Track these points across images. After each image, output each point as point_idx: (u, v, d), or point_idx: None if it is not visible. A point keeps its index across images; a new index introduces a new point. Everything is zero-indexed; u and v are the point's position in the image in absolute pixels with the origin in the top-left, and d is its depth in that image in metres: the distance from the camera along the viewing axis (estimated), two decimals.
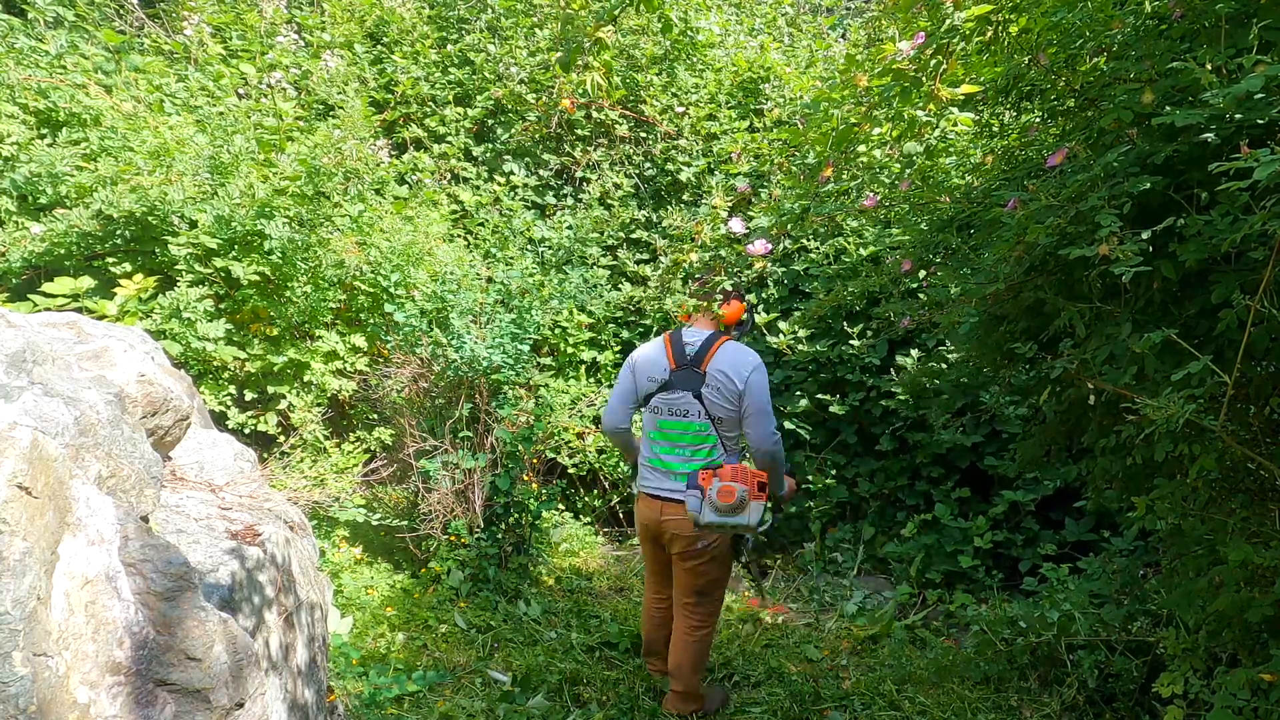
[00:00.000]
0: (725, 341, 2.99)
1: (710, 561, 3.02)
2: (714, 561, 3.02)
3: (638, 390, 3.09)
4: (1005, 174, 2.45)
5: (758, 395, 2.91)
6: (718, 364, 2.93)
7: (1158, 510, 2.22)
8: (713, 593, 3.10)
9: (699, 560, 3.01)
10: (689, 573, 3.05)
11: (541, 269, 5.28)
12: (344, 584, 3.90)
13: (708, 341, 2.99)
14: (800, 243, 5.22)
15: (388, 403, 4.49)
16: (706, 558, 3.00)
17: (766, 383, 2.94)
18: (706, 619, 3.11)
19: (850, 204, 2.76)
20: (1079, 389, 2.37)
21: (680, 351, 3.01)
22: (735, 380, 2.90)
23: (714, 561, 3.02)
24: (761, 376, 2.93)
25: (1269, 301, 1.63)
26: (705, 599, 3.09)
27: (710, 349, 2.97)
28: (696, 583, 3.06)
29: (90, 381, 1.77)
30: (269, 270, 4.05)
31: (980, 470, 4.72)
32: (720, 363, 2.93)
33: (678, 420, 3.00)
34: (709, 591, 3.08)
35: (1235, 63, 1.72)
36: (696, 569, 3.03)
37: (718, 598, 3.13)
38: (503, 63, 5.99)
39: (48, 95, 4.08)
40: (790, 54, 6.43)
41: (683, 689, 3.14)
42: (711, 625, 3.14)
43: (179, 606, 1.59)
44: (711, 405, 2.94)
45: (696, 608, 3.10)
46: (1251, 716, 1.98)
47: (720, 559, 3.04)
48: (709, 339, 3.00)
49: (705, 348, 2.98)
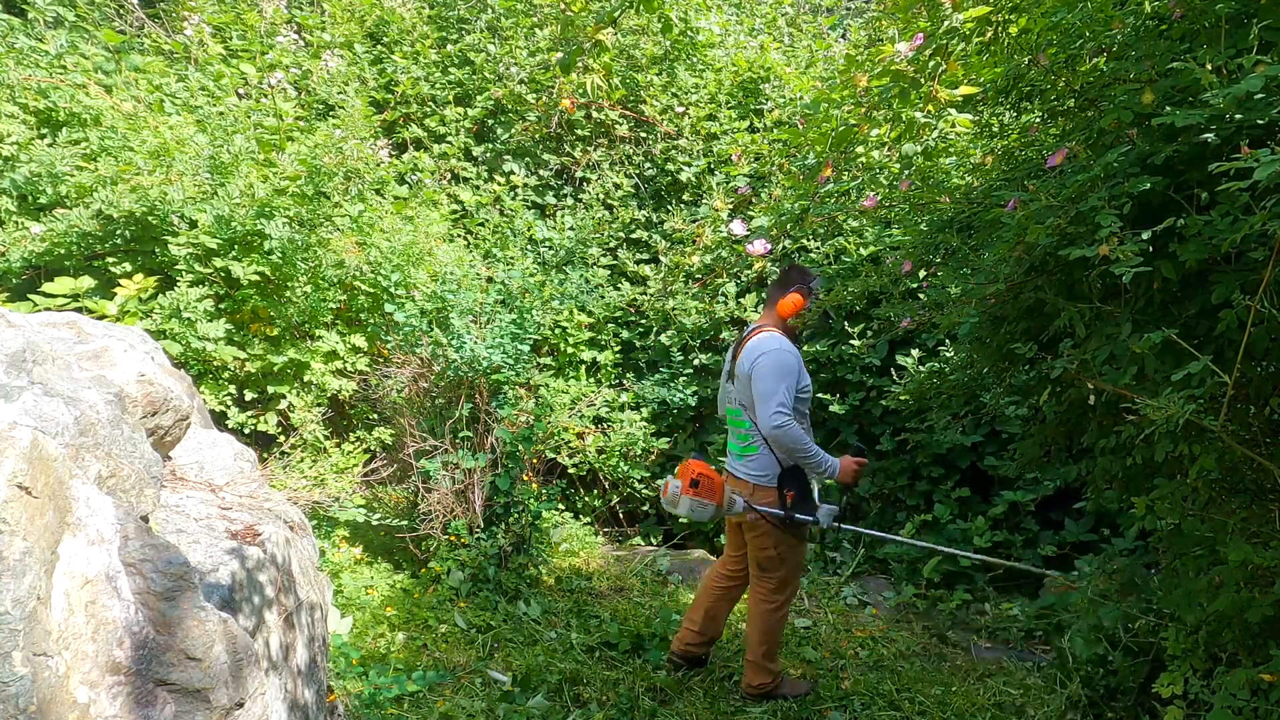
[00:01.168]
0: (758, 333, 3.15)
1: (761, 535, 3.18)
2: (765, 536, 3.17)
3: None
4: (1005, 174, 2.44)
5: (759, 380, 3.03)
6: (744, 353, 3.15)
7: (1158, 510, 2.22)
8: (773, 570, 3.22)
9: (751, 532, 3.22)
10: (749, 544, 3.26)
11: (542, 269, 5.28)
12: (344, 584, 3.90)
13: (747, 333, 3.20)
14: (800, 243, 5.22)
15: (388, 403, 4.49)
16: (756, 531, 3.19)
17: (776, 370, 3.01)
18: (767, 595, 3.24)
19: (850, 204, 2.76)
20: (1079, 389, 2.37)
21: (737, 343, 3.25)
22: (747, 366, 3.08)
23: (765, 536, 3.17)
24: (769, 361, 3.02)
25: (1269, 301, 1.63)
26: (765, 574, 3.25)
27: (744, 340, 3.18)
28: (755, 556, 3.25)
29: (90, 381, 1.77)
30: (269, 270, 4.05)
31: (980, 470, 4.72)
32: (745, 352, 3.14)
33: (728, 406, 3.29)
34: (767, 568, 3.23)
35: (1235, 63, 1.72)
36: (753, 541, 3.23)
37: (779, 577, 3.23)
38: (503, 63, 5.99)
39: (48, 95, 4.08)
40: (790, 54, 6.43)
41: (751, 658, 3.31)
42: (774, 603, 3.25)
43: (179, 606, 1.59)
44: (739, 392, 3.17)
45: (759, 581, 3.28)
46: (1251, 717, 1.98)
47: (770, 535, 3.16)
48: (750, 330, 3.20)
49: (742, 339, 3.20)
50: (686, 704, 3.29)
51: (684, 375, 5.33)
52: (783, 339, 3.11)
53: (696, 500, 3.10)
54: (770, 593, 3.24)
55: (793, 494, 3.11)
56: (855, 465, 3.14)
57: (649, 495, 5.31)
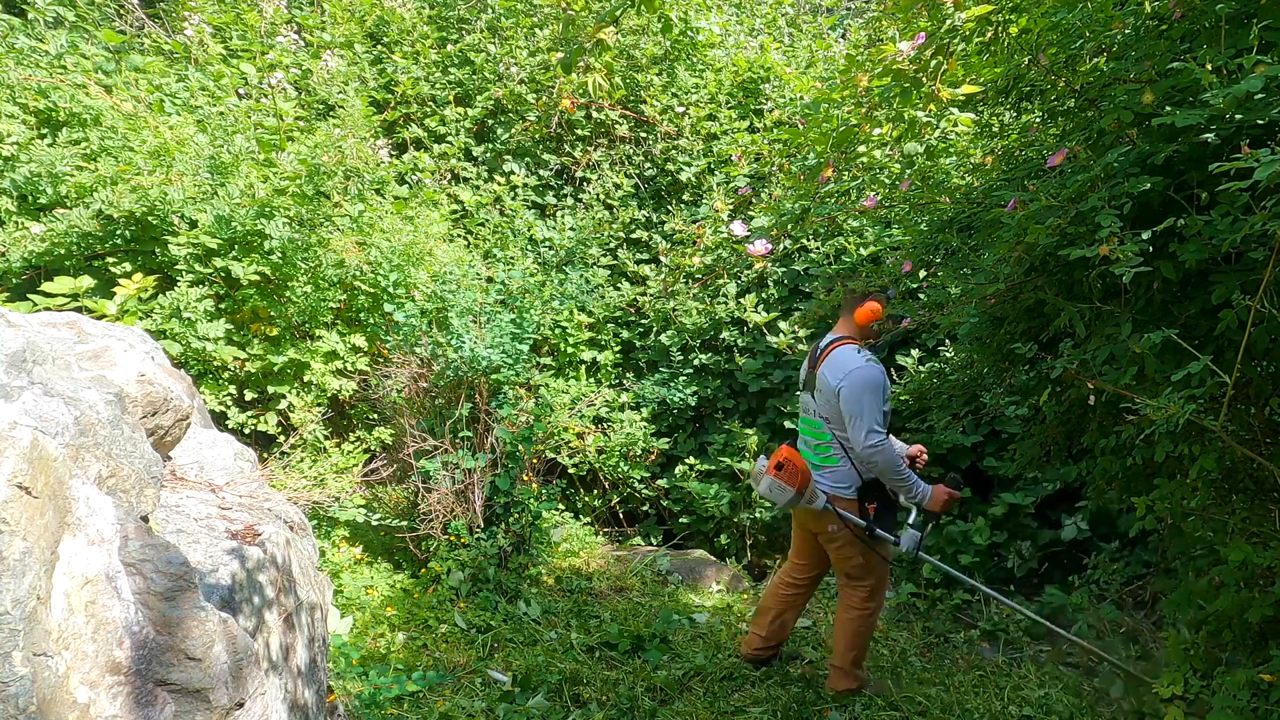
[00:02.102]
0: (840, 345, 3.11)
1: (845, 546, 3.18)
2: (850, 546, 3.18)
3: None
4: (1005, 174, 2.44)
5: (850, 401, 2.99)
6: (825, 366, 3.11)
7: (1157, 510, 2.22)
8: (861, 579, 3.24)
9: (833, 544, 3.21)
10: (833, 555, 3.27)
11: (542, 269, 5.28)
12: (344, 584, 3.89)
13: (828, 344, 3.16)
14: (800, 243, 5.22)
15: (388, 403, 4.49)
16: (838, 542, 3.19)
17: (868, 387, 2.98)
18: (859, 603, 3.26)
19: (850, 204, 2.76)
20: (1079, 389, 2.37)
21: (814, 354, 3.24)
22: (833, 381, 3.04)
23: (850, 546, 3.18)
24: (858, 381, 2.98)
25: (1269, 301, 1.63)
26: (854, 583, 3.26)
27: (825, 352, 3.14)
28: (842, 566, 3.27)
29: (90, 381, 1.77)
30: (269, 270, 4.05)
31: (980, 470, 4.72)
32: (826, 365, 3.10)
33: (805, 416, 3.29)
34: (856, 577, 3.25)
35: (1235, 63, 1.72)
36: (836, 553, 3.24)
37: (869, 586, 3.25)
38: (503, 63, 5.99)
39: (48, 95, 4.08)
40: (790, 54, 6.43)
41: (837, 664, 3.34)
42: (864, 610, 3.27)
43: (179, 606, 1.59)
44: (820, 405, 3.15)
45: (848, 591, 3.29)
46: (1251, 717, 1.98)
47: (853, 545, 3.17)
48: (830, 342, 3.16)
49: (823, 350, 3.16)
50: (686, 704, 3.29)
51: (684, 375, 5.33)
52: (867, 352, 3.08)
53: (776, 482, 3.06)
54: (863, 601, 3.26)
55: (874, 506, 3.12)
56: (947, 495, 3.05)
57: (649, 495, 5.31)
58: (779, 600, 3.49)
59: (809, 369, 3.23)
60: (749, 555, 5.09)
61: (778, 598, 3.49)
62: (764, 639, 3.49)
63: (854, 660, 3.30)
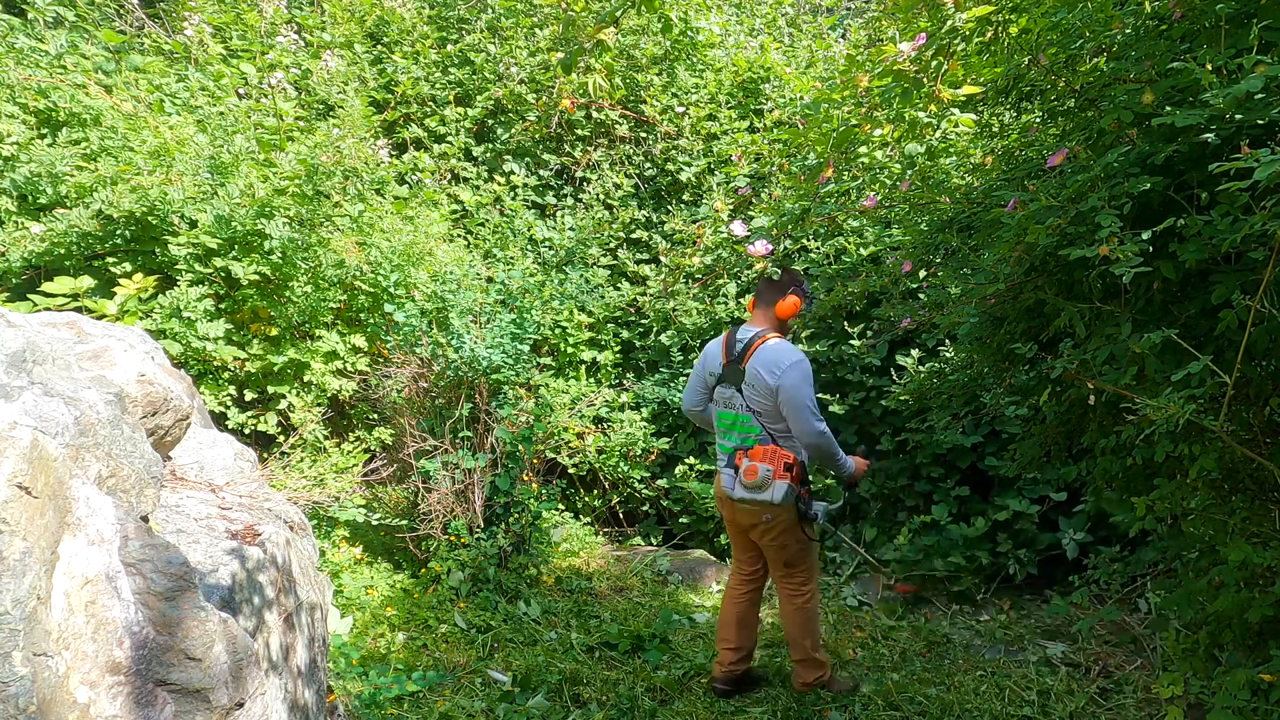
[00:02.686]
0: (767, 340, 3.13)
1: (782, 533, 3.18)
2: (786, 533, 3.18)
3: (705, 379, 3.29)
4: (1005, 174, 2.44)
5: (793, 393, 3.02)
6: (756, 361, 3.09)
7: (1157, 510, 2.22)
8: (800, 563, 3.28)
9: (770, 534, 3.19)
10: (770, 548, 3.26)
11: (542, 269, 5.28)
12: (344, 584, 3.90)
13: (752, 338, 3.15)
14: (801, 243, 5.22)
15: (388, 403, 4.49)
16: (776, 530, 3.17)
17: (805, 379, 3.04)
18: (800, 587, 3.30)
19: (850, 204, 2.76)
20: (1079, 389, 2.36)
21: (731, 347, 3.20)
22: (769, 378, 3.05)
23: (786, 533, 3.18)
24: (797, 374, 3.03)
25: (1269, 301, 1.63)
26: (794, 569, 3.29)
27: (751, 346, 3.13)
28: (780, 556, 3.26)
29: (90, 381, 1.77)
30: (269, 270, 4.05)
31: (980, 470, 4.71)
32: (758, 360, 3.09)
33: (727, 411, 3.21)
34: (795, 562, 3.27)
35: (1235, 63, 1.72)
36: (774, 544, 3.22)
37: (806, 567, 3.30)
38: (503, 63, 5.99)
39: (48, 95, 4.08)
40: (790, 54, 6.43)
41: (799, 657, 3.36)
42: (808, 593, 3.31)
43: (179, 606, 1.59)
44: (750, 400, 3.11)
45: (788, 579, 3.31)
46: (1252, 717, 1.98)
47: (791, 531, 3.18)
48: (754, 336, 3.16)
49: (749, 345, 3.14)
50: (686, 704, 3.29)
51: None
52: (794, 345, 3.16)
53: (790, 485, 3.03)
54: (800, 586, 3.30)
55: (805, 490, 3.16)
56: (864, 466, 3.25)
57: (649, 495, 5.31)
58: (736, 605, 3.42)
59: (729, 363, 3.16)
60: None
61: (734, 604, 3.42)
62: (734, 649, 3.38)
63: (812, 646, 3.33)
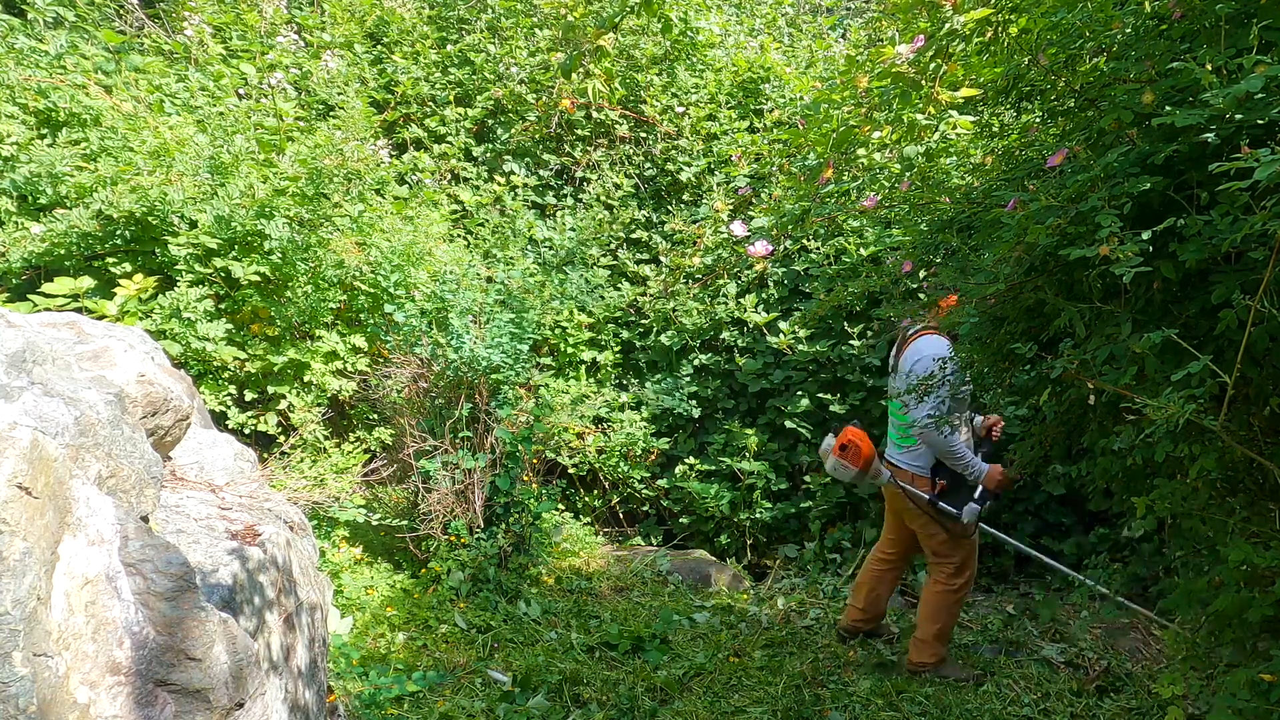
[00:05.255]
0: (923, 334, 3.26)
1: (925, 524, 3.36)
2: (930, 524, 3.35)
3: None
4: (1005, 174, 2.44)
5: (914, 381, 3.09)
6: (909, 352, 3.27)
7: (1157, 510, 2.22)
8: (948, 555, 3.38)
9: (915, 522, 3.40)
10: (919, 534, 3.44)
11: (542, 269, 5.28)
12: (344, 584, 3.89)
13: (913, 332, 3.31)
14: (801, 243, 5.22)
15: (388, 403, 4.49)
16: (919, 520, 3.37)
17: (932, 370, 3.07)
18: (949, 579, 3.39)
19: (850, 204, 2.76)
20: (1079, 389, 2.36)
21: (901, 340, 3.39)
22: (907, 366, 3.22)
23: (930, 524, 3.35)
24: (927, 364, 3.08)
25: (1269, 301, 1.62)
26: (941, 560, 3.41)
27: (910, 339, 3.30)
28: (928, 544, 3.43)
29: (90, 381, 1.77)
30: (269, 270, 4.05)
31: None
32: (910, 351, 3.26)
33: (890, 400, 3.49)
34: (942, 554, 3.39)
35: (1235, 63, 1.72)
36: (921, 530, 3.41)
37: (955, 561, 3.38)
38: (503, 63, 5.99)
39: (48, 95, 4.08)
40: (790, 54, 6.43)
41: (918, 636, 3.47)
42: (948, 586, 3.39)
43: (179, 607, 1.59)
44: (899, 388, 3.26)
45: (937, 567, 3.44)
46: (1251, 717, 1.98)
47: (934, 523, 3.33)
48: (916, 330, 3.31)
49: (908, 337, 3.31)
50: (686, 704, 3.29)
51: (685, 377, 5.33)
52: (946, 340, 3.21)
53: (840, 462, 3.34)
54: (948, 577, 3.39)
55: (944, 484, 3.27)
56: (1000, 474, 3.24)
57: (649, 495, 5.31)
58: (870, 575, 3.68)
59: (894, 354, 3.39)
60: (749, 555, 5.09)
61: (869, 573, 3.69)
62: (861, 610, 3.70)
63: (936, 634, 3.40)
